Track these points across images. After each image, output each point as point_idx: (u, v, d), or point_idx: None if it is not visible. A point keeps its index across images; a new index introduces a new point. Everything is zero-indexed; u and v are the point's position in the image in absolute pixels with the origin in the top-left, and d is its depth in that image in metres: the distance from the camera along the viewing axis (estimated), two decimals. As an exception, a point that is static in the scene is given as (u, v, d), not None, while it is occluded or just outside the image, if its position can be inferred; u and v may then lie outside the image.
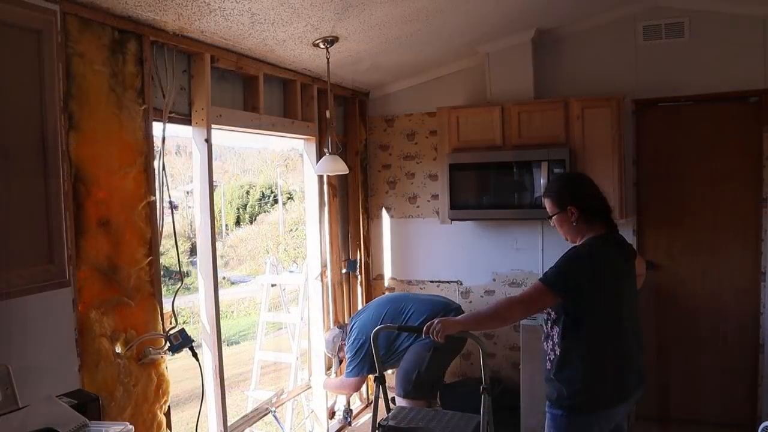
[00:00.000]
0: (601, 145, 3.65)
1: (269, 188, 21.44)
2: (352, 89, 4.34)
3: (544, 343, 2.26)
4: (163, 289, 2.58)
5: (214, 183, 3.00)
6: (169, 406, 2.55)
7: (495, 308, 2.23)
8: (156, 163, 2.54)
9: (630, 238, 3.84)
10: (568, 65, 4.07)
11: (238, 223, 20.78)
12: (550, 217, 2.30)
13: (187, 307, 11.29)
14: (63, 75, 2.05)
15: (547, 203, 2.30)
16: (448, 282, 4.32)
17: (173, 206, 2.71)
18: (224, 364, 2.89)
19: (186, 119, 2.83)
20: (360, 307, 4.31)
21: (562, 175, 3.42)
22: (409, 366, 3.47)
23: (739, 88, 3.73)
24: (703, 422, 3.92)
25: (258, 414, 3.51)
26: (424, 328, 2.29)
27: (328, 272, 3.98)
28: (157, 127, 2.59)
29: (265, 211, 20.90)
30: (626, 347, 2.19)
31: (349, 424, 4.04)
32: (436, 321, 2.27)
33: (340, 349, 3.77)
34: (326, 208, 3.96)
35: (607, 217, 2.26)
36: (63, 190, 1.69)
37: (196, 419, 2.68)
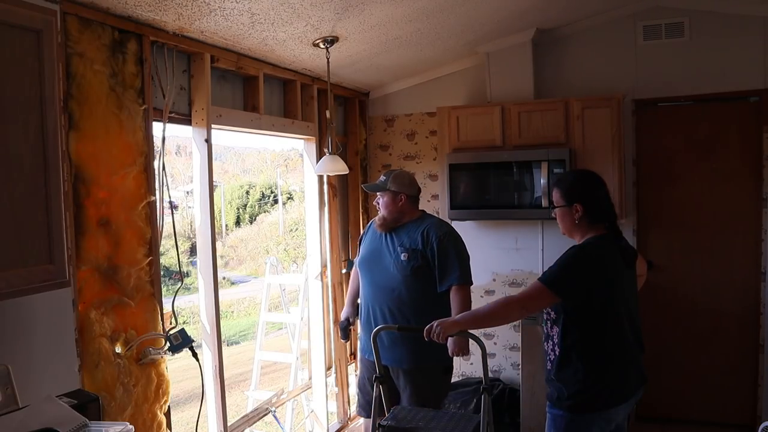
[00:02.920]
0: (601, 145, 3.65)
1: (269, 188, 21.47)
2: (352, 89, 4.34)
3: (545, 344, 2.26)
4: (163, 289, 2.58)
5: (214, 183, 3.00)
6: (169, 406, 2.55)
7: (494, 308, 2.23)
8: (156, 163, 2.54)
9: (630, 238, 3.84)
10: (568, 65, 4.07)
11: (238, 223, 20.80)
12: (554, 208, 2.29)
13: (187, 307, 11.30)
14: (63, 75, 2.05)
15: (555, 194, 2.28)
16: (448, 282, 4.31)
17: (173, 206, 2.71)
18: (224, 364, 2.89)
19: (186, 119, 2.83)
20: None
21: (578, 171, 3.36)
22: (430, 396, 3.00)
23: (739, 88, 3.73)
24: (703, 422, 3.92)
25: (258, 414, 3.51)
26: (425, 330, 2.29)
27: (328, 272, 3.98)
28: (157, 127, 2.58)
29: (265, 211, 20.93)
30: (626, 347, 2.19)
31: None
32: (435, 323, 2.26)
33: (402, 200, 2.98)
34: (326, 208, 3.95)
35: (612, 221, 2.25)
36: (63, 190, 1.69)
37: (196, 419, 2.68)
